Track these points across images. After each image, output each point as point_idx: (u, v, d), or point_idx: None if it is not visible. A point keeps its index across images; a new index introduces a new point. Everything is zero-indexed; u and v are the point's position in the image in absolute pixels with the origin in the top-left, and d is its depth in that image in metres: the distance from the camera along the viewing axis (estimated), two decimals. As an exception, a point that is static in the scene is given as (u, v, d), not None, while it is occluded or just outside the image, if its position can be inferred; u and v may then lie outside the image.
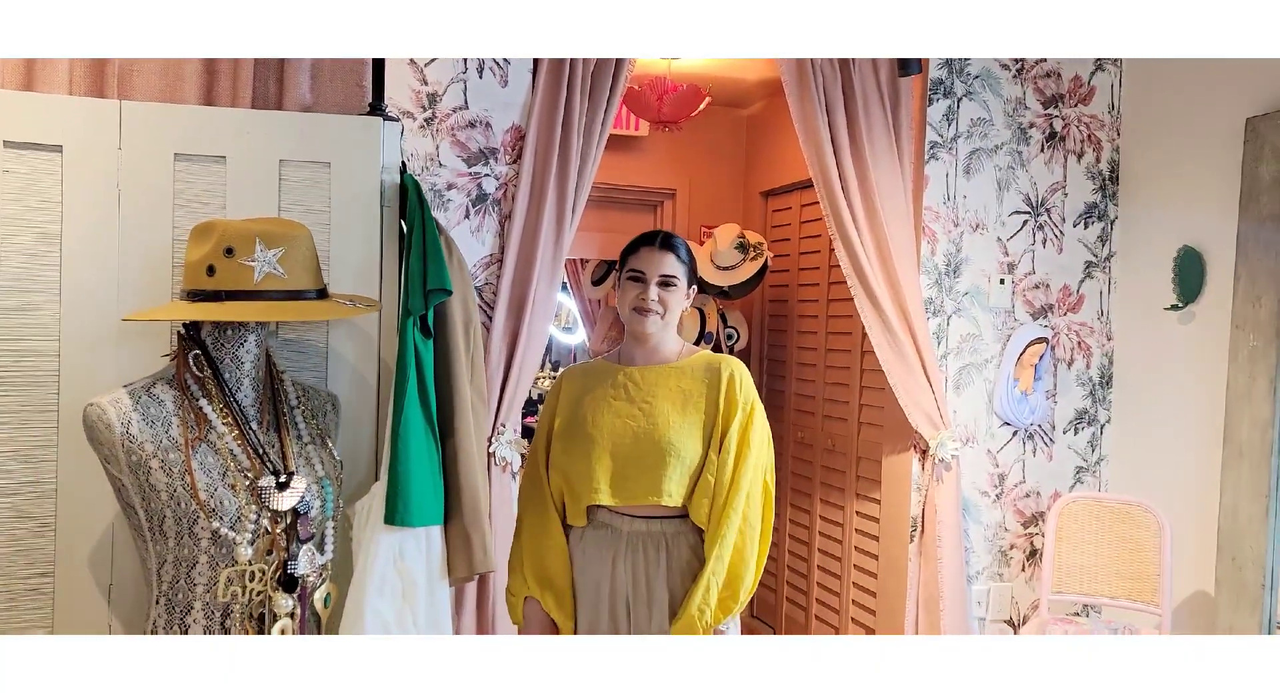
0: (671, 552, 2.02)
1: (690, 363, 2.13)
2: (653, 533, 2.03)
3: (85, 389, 1.80)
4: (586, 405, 2.09)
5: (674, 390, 2.07)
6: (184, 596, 1.68)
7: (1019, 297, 3.27)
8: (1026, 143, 3.26)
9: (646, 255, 2.09)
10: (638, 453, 2.01)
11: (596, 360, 2.23)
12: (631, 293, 2.08)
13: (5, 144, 1.82)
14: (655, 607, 2.01)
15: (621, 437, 2.03)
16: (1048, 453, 3.32)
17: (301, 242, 1.76)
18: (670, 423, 2.02)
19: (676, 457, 2.00)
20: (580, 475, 2.03)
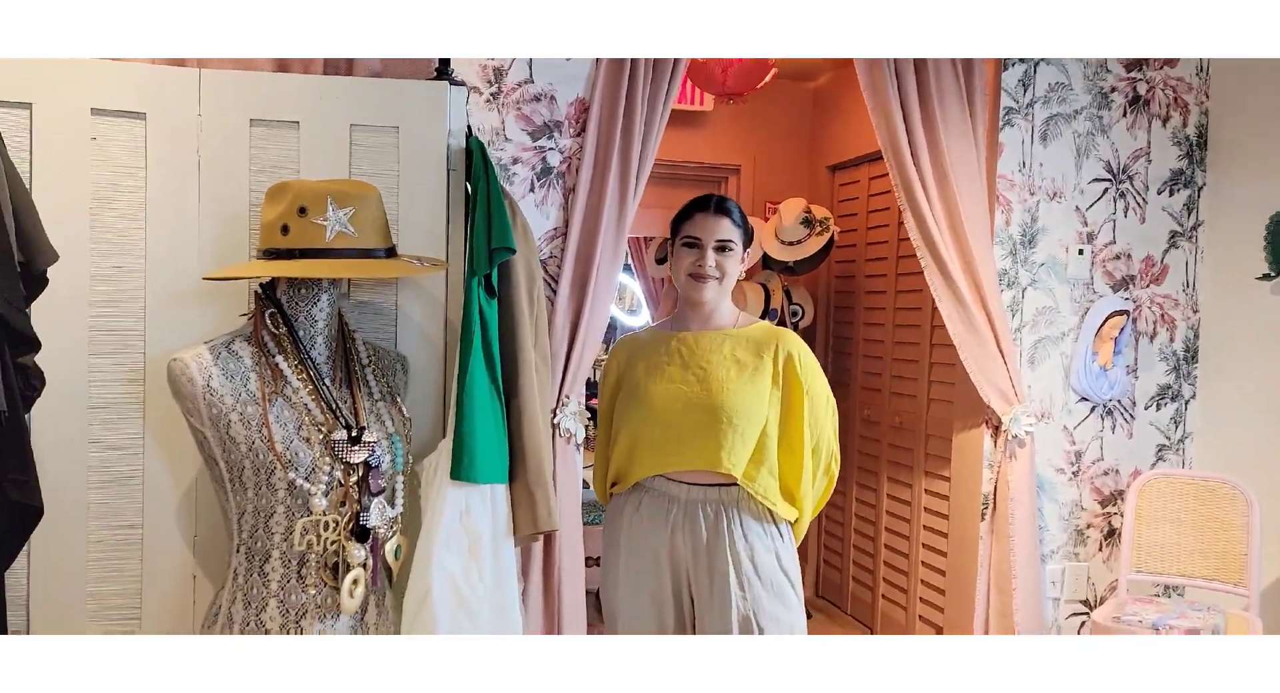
0: (731, 519, 2.01)
1: (748, 332, 2.10)
2: (710, 500, 2.02)
3: (169, 347, 1.87)
4: (640, 373, 2.09)
5: (729, 357, 2.05)
6: (263, 544, 1.74)
7: (1098, 268, 3.17)
8: (1108, 107, 3.16)
9: (701, 221, 2.07)
10: (692, 419, 2.00)
11: (647, 329, 2.24)
12: (687, 259, 2.07)
13: (93, 111, 1.90)
14: (716, 576, 2.00)
15: (674, 402, 2.02)
16: (1128, 430, 3.21)
17: (371, 202, 1.80)
18: (727, 389, 2.00)
19: (732, 424, 1.98)
20: (636, 445, 2.05)
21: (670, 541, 2.03)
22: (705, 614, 2.02)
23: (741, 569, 1.98)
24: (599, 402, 2.26)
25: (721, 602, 1.98)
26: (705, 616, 2.02)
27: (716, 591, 1.99)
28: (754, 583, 1.98)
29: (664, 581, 2.05)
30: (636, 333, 2.27)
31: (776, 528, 2.05)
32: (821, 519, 4.45)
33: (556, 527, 2.05)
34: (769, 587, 1.99)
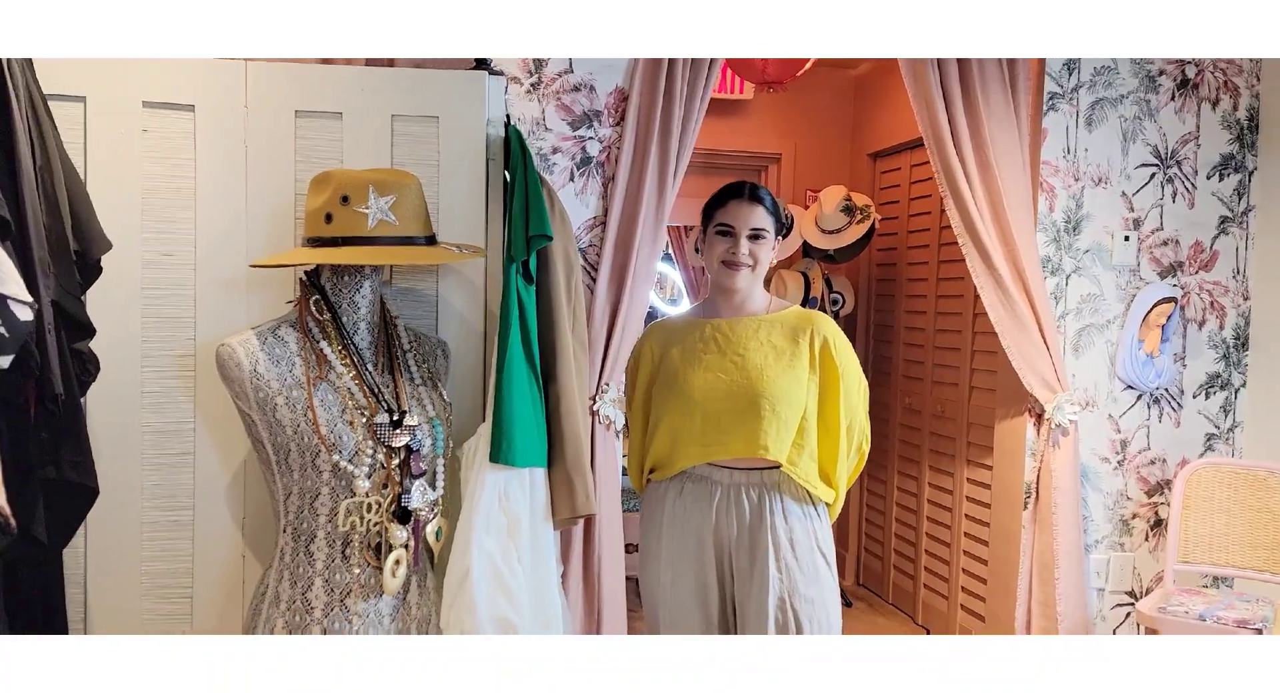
0: (773, 501, 2.03)
1: (781, 317, 2.11)
2: (753, 484, 2.04)
3: (218, 332, 1.92)
4: (676, 361, 2.10)
5: (765, 343, 2.06)
6: (308, 525, 1.79)
7: (1145, 254, 3.12)
8: (1155, 91, 3.10)
9: (735, 208, 2.07)
10: (733, 407, 2.02)
11: (678, 316, 2.24)
12: (720, 247, 2.07)
13: (144, 104, 1.95)
14: (757, 557, 2.02)
15: (714, 390, 2.03)
16: (1175, 419, 3.16)
17: (412, 190, 1.83)
18: (765, 376, 2.02)
19: (774, 410, 2.00)
20: (676, 434, 2.06)
21: (714, 525, 2.05)
22: (744, 595, 2.04)
23: (781, 551, 2.01)
24: (629, 389, 2.27)
25: (760, 582, 2.01)
26: (744, 596, 2.04)
27: (756, 572, 2.01)
28: (791, 566, 2.00)
29: (708, 564, 2.07)
30: (666, 319, 2.27)
31: (814, 508, 2.08)
32: (863, 508, 4.44)
33: (594, 511, 2.07)
34: (805, 568, 2.01)
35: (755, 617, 2.01)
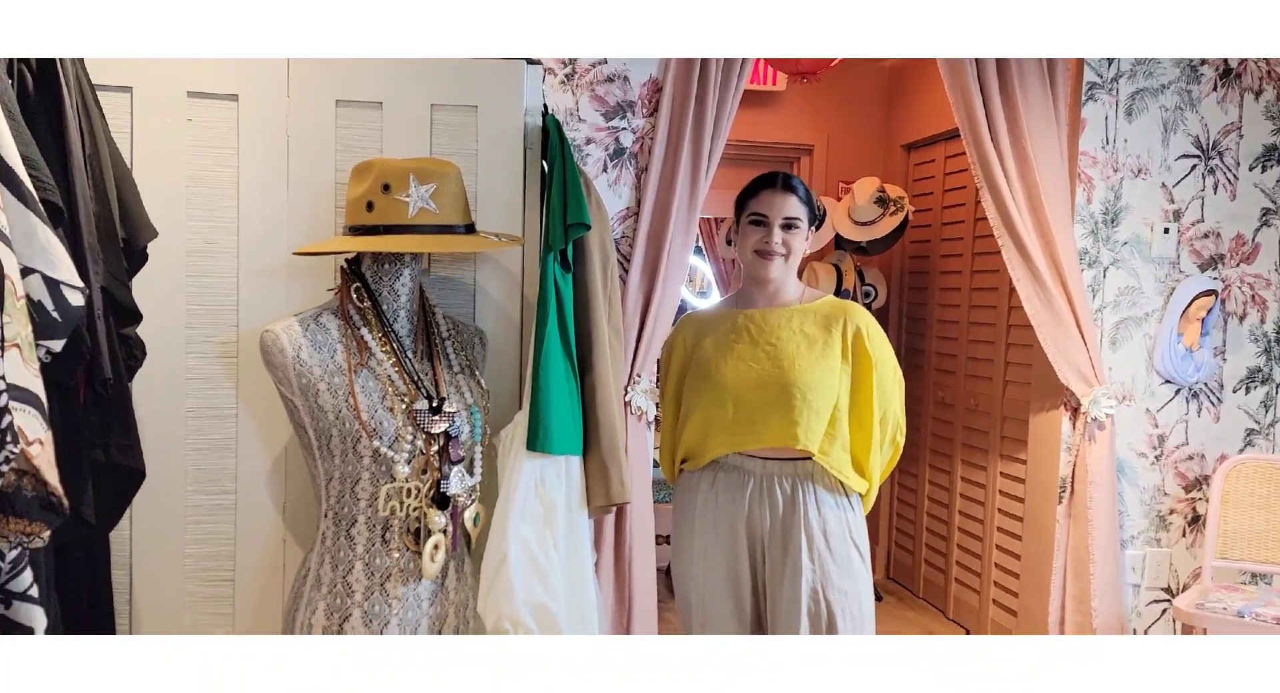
0: (806, 492, 2.03)
1: (814, 307, 2.11)
2: (786, 474, 2.04)
3: (261, 319, 1.95)
4: (709, 351, 2.09)
5: (797, 333, 2.06)
6: (349, 509, 1.81)
7: (1185, 246, 3.08)
8: (1197, 81, 3.05)
9: (768, 198, 2.06)
10: (765, 397, 2.02)
11: (710, 308, 2.24)
12: (754, 237, 2.07)
13: (189, 94, 1.98)
14: (790, 548, 2.02)
15: (745, 379, 2.03)
16: (1214, 413, 3.12)
17: (452, 178, 1.85)
18: (797, 365, 2.02)
19: (806, 400, 2.00)
20: (707, 424, 2.06)
21: (747, 515, 2.05)
22: (776, 586, 2.04)
23: (814, 542, 2.00)
24: (661, 380, 2.27)
25: (793, 574, 2.00)
26: (776, 587, 2.04)
27: (789, 563, 2.01)
28: (824, 557, 2.00)
29: (740, 556, 2.07)
30: (699, 311, 2.27)
31: (848, 499, 2.07)
32: (894, 502, 4.42)
33: (629, 499, 2.09)
34: (839, 560, 2.01)
35: (787, 608, 2.01)
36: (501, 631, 1.87)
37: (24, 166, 1.46)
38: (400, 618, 1.81)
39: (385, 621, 1.80)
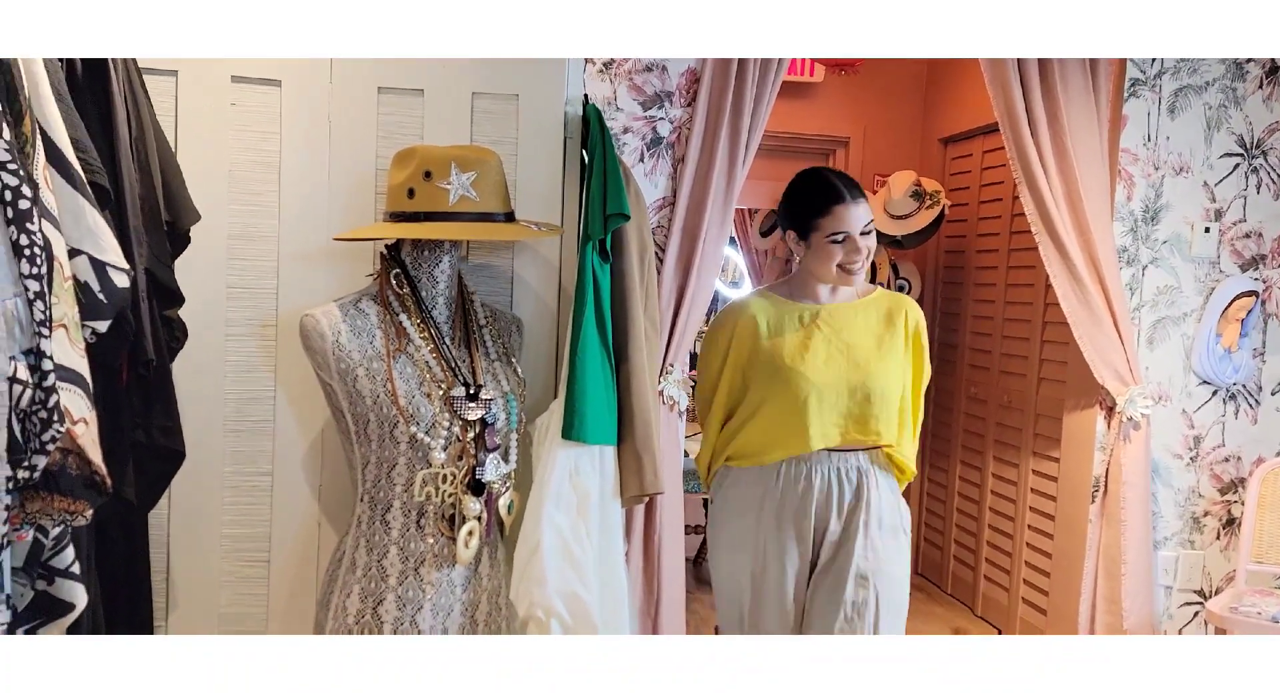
0: (870, 480, 2.05)
1: (874, 301, 2.12)
2: (852, 465, 2.06)
3: (300, 304, 1.96)
4: (778, 347, 2.05)
5: (866, 331, 2.07)
6: (385, 494, 1.83)
7: (1226, 246, 3.03)
8: (1242, 79, 3.00)
9: (843, 213, 1.98)
10: (848, 399, 2.02)
11: (765, 293, 2.16)
12: (837, 254, 2.00)
13: (233, 79, 2.00)
14: (848, 533, 2.02)
15: (825, 379, 2.01)
16: (1252, 416, 3.07)
17: (492, 167, 1.85)
18: (874, 366, 2.03)
19: (885, 399, 2.03)
20: (788, 423, 2.02)
21: (815, 509, 2.04)
22: (824, 570, 2.05)
23: (870, 528, 2.02)
24: (705, 370, 2.20)
25: (845, 558, 2.02)
26: (823, 571, 2.05)
27: (844, 547, 2.03)
28: (877, 543, 2.02)
29: (805, 552, 2.05)
30: (750, 299, 2.19)
31: (897, 482, 2.12)
32: (923, 497, 4.40)
33: (663, 490, 2.09)
34: (888, 545, 2.04)
35: (829, 591, 2.02)
36: (534, 618, 1.88)
37: (73, 149, 1.48)
38: (434, 603, 1.83)
39: (419, 605, 1.82)
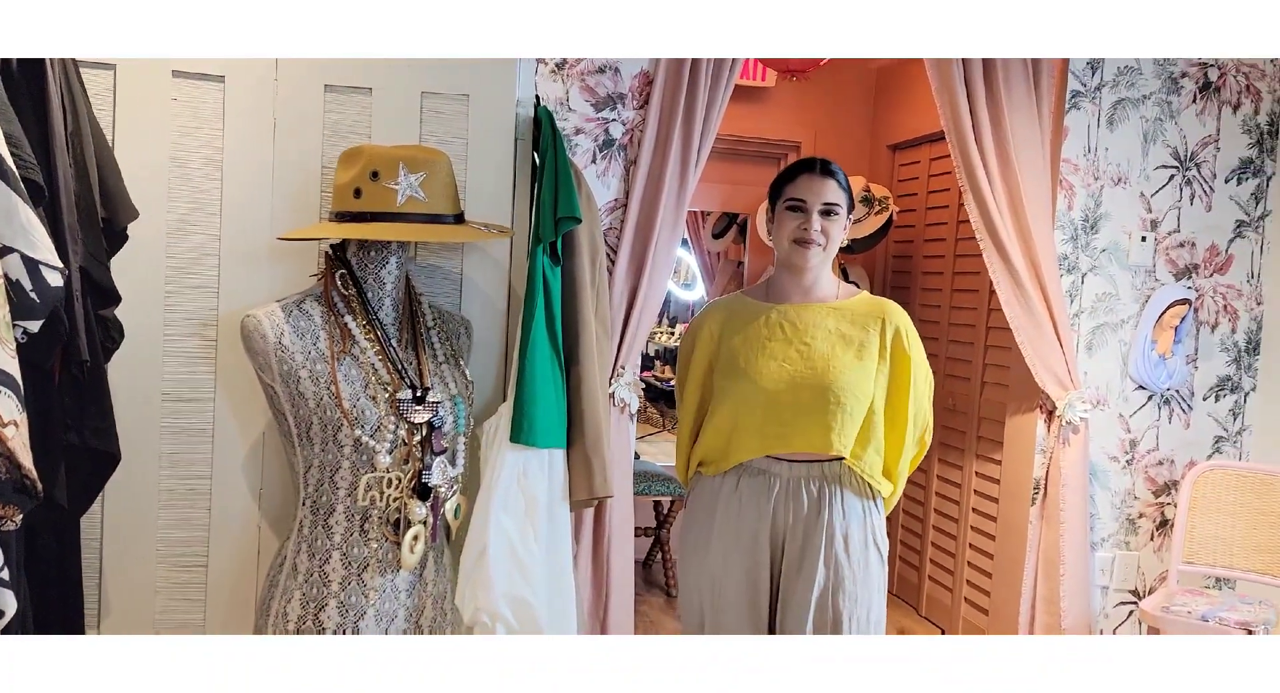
0: (833, 495, 1.97)
1: (850, 304, 2.03)
2: (814, 476, 1.97)
3: (242, 304, 1.93)
4: (738, 347, 2.01)
5: (833, 332, 1.98)
6: (328, 499, 1.80)
7: (1161, 255, 3.12)
8: (1177, 93, 3.09)
9: (806, 183, 1.98)
10: (798, 400, 1.94)
11: (738, 296, 2.13)
12: (792, 223, 1.97)
13: (174, 74, 1.95)
14: (808, 550, 1.96)
15: (779, 381, 1.95)
16: (1184, 420, 3.17)
17: (442, 168, 1.84)
18: (833, 367, 1.94)
19: (840, 403, 1.92)
20: (739, 426, 1.97)
21: (771, 519, 1.97)
22: (789, 588, 1.97)
23: (833, 547, 1.94)
24: (680, 372, 2.15)
25: (806, 578, 1.94)
26: (789, 590, 1.97)
27: (805, 567, 1.95)
28: (841, 562, 1.94)
29: (762, 561, 1.98)
30: (726, 299, 2.15)
31: (873, 502, 2.02)
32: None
33: (612, 493, 2.09)
34: (855, 565, 1.95)
35: (795, 613, 1.95)
36: (479, 623, 1.87)
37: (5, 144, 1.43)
38: (377, 609, 1.80)
39: (361, 611, 1.79)
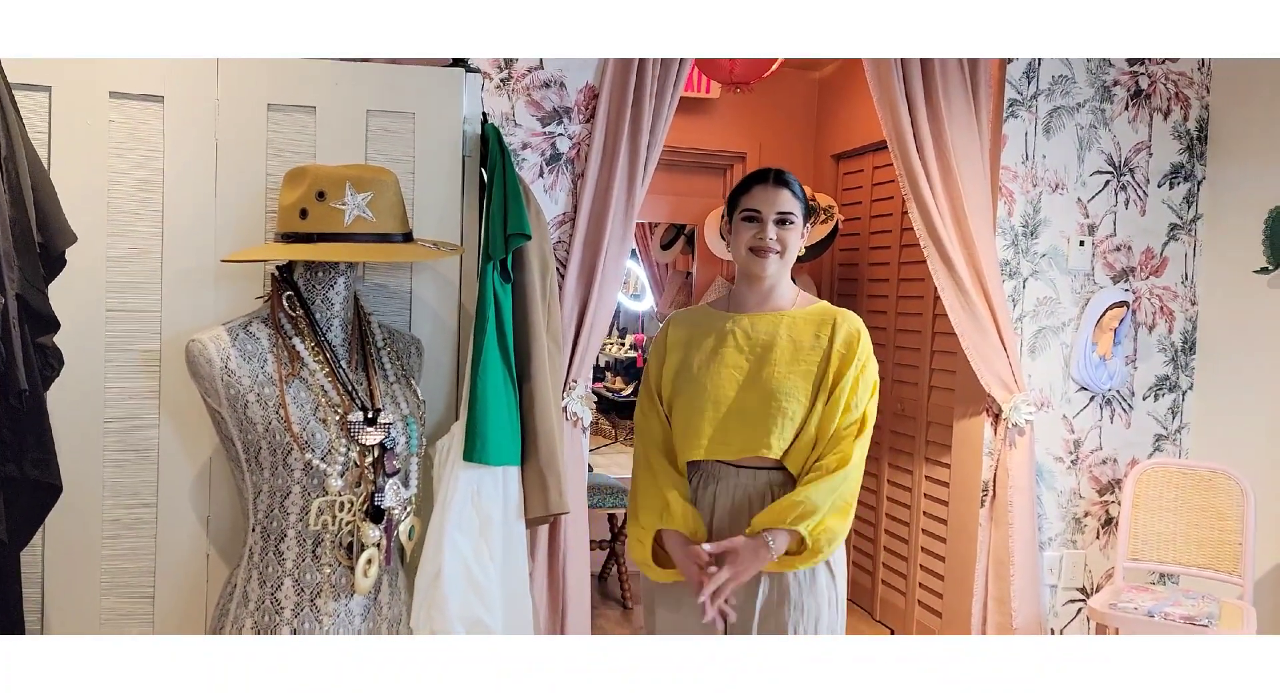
0: (773, 501, 1.95)
1: (805, 313, 2.04)
2: (758, 484, 1.97)
3: (185, 327, 1.89)
4: (695, 355, 2.02)
5: (785, 339, 1.99)
6: (278, 524, 1.77)
7: (1099, 259, 3.20)
8: (1110, 101, 3.18)
9: (760, 193, 1.99)
10: (743, 406, 1.95)
11: (701, 307, 2.15)
12: (747, 233, 1.98)
13: (111, 95, 1.91)
14: None
15: (728, 388, 1.96)
16: (1126, 420, 3.25)
17: (389, 187, 1.82)
18: (778, 373, 1.95)
19: (782, 409, 1.93)
20: (685, 429, 1.98)
21: (712, 520, 1.97)
22: (739, 602, 1.94)
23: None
24: (644, 380, 2.13)
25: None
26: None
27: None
28: (785, 573, 1.92)
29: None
30: (690, 309, 2.17)
31: None
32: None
33: (568, 509, 2.08)
34: (802, 575, 1.94)
35: (741, 623, 1.94)
36: (437, 645, 1.85)
37: (-66, 169, 1.39)
38: (332, 635, 1.78)
39: (316, 637, 1.77)
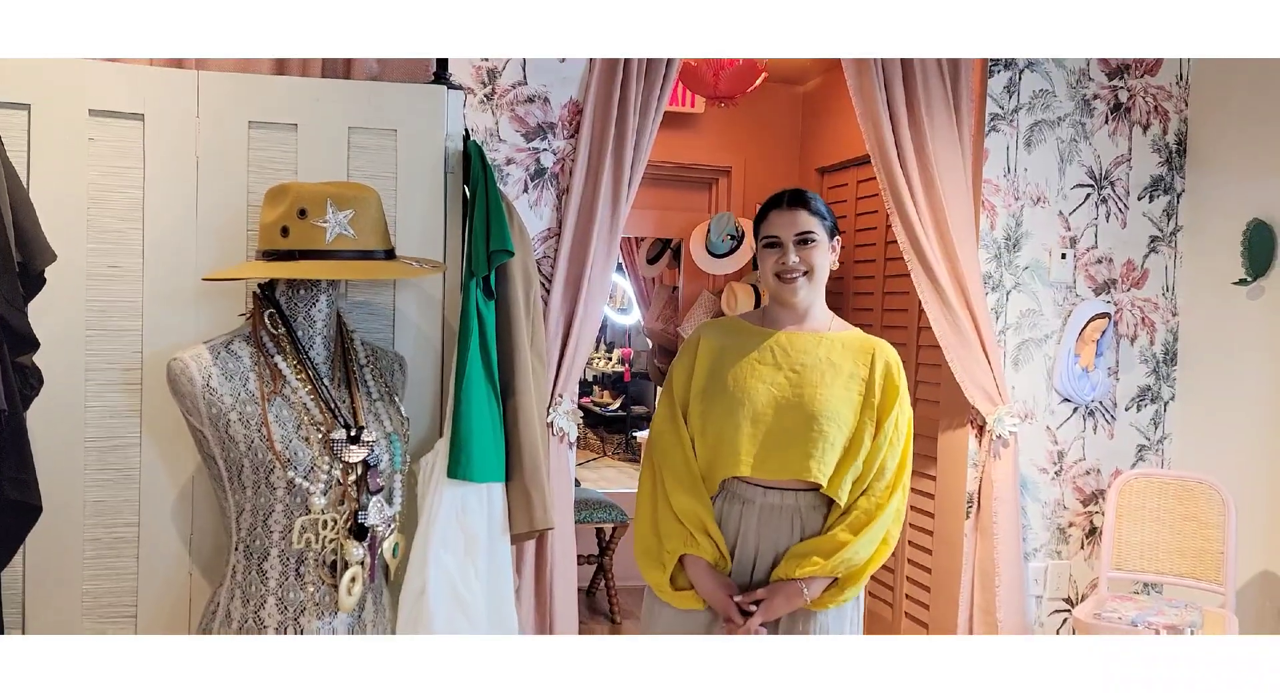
0: (806, 525, 1.94)
1: (843, 337, 2.00)
2: (787, 506, 1.94)
3: (166, 346, 1.88)
4: (729, 368, 1.98)
5: (824, 361, 1.96)
6: (261, 543, 1.76)
7: (1081, 271, 3.23)
8: (1090, 115, 3.21)
9: (776, 218, 1.96)
10: (783, 424, 1.91)
11: (733, 318, 2.12)
12: (770, 260, 1.96)
13: (91, 112, 1.91)
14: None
15: (767, 405, 1.93)
16: (1109, 431, 3.27)
17: (371, 204, 1.82)
18: (819, 395, 1.92)
19: (823, 433, 1.90)
20: (720, 444, 1.93)
21: (740, 544, 1.94)
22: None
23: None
24: (667, 384, 2.09)
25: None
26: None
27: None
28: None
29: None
30: (722, 321, 2.14)
31: None
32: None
33: (553, 525, 2.08)
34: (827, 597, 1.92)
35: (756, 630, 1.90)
36: (421, 663, 1.84)
37: (-88, 189, 1.39)
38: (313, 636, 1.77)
39: (299, 656, 1.75)
